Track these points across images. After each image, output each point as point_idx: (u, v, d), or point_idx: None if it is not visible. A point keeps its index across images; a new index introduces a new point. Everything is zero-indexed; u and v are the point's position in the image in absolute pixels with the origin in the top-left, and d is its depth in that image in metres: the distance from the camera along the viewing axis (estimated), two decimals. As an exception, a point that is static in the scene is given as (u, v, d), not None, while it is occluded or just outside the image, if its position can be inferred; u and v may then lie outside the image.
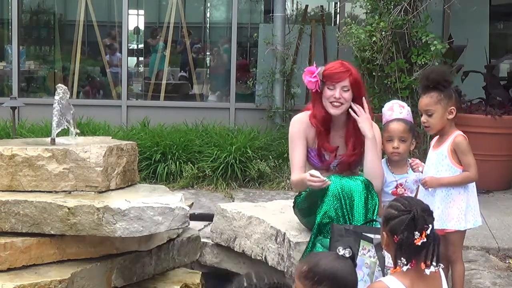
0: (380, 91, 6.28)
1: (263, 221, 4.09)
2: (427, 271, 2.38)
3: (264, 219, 4.10)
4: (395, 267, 2.43)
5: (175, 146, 6.64)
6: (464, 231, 3.56)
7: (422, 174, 3.63)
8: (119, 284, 3.68)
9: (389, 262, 3.00)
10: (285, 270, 3.81)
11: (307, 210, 3.68)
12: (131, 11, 9.07)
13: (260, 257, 4.06)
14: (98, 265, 3.57)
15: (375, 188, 3.50)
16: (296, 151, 3.71)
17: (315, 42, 8.26)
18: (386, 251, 2.59)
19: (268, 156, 6.73)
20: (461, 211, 3.47)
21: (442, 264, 2.48)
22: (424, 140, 5.72)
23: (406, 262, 2.38)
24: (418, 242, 2.37)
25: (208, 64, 10.17)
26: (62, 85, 3.99)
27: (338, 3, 8.14)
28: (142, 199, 3.53)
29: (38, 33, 10.21)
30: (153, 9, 10.55)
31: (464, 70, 6.88)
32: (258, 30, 8.54)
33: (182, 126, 7.37)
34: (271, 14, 7.93)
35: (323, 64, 3.73)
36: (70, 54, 8.69)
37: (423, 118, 3.52)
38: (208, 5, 10.61)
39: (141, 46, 11.60)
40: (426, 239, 2.38)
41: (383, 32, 6.09)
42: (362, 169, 3.73)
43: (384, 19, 6.14)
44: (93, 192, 3.60)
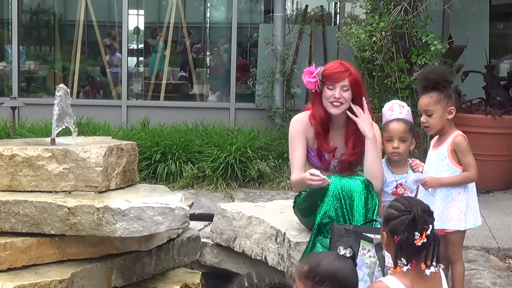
0: (380, 91, 6.28)
1: (263, 221, 4.09)
2: (428, 271, 2.38)
3: (264, 219, 4.10)
4: (395, 267, 2.43)
5: (175, 146, 6.64)
6: (464, 231, 3.56)
7: (422, 174, 3.64)
8: (119, 284, 3.68)
9: (389, 262, 3.00)
10: (285, 270, 3.80)
11: (307, 210, 3.68)
12: (131, 11, 9.07)
13: (260, 257, 4.05)
14: (98, 265, 3.57)
15: (375, 188, 3.50)
16: (296, 151, 3.71)
17: (315, 42, 8.25)
18: (387, 251, 2.58)
19: (268, 156, 6.73)
20: (461, 211, 3.47)
21: (442, 265, 2.48)
22: (424, 140, 5.72)
23: (406, 263, 2.38)
24: (418, 242, 2.37)
25: (208, 64, 10.17)
26: (62, 85, 3.99)
27: (338, 3, 8.14)
28: (142, 199, 3.53)
29: (38, 33, 10.20)
30: (153, 9, 10.54)
31: (464, 70, 6.87)
32: (258, 30, 8.53)
33: (182, 126, 7.37)
34: (271, 14, 7.93)
35: (323, 64, 3.73)
36: (70, 54, 8.69)
37: (423, 118, 3.52)
38: (208, 5, 10.61)
39: (141, 46, 11.60)
40: (426, 240, 2.38)
41: (383, 32, 6.09)
42: (362, 169, 3.73)
43: (384, 19, 6.14)
44: (93, 192, 3.60)
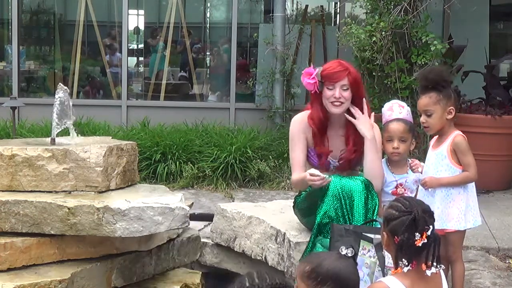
0: (380, 91, 6.28)
1: (263, 221, 4.09)
2: (428, 272, 2.38)
3: (264, 219, 4.10)
4: (396, 267, 2.42)
5: (175, 146, 6.64)
6: (464, 231, 3.56)
7: (422, 175, 3.63)
8: (119, 284, 3.68)
9: (389, 262, 3.00)
10: (285, 270, 3.80)
11: (307, 210, 3.68)
12: (131, 11, 9.07)
13: (260, 257, 4.05)
14: (98, 265, 3.57)
15: (375, 188, 3.50)
16: (296, 150, 3.71)
17: (315, 42, 8.25)
18: (387, 251, 2.58)
19: (268, 156, 6.73)
20: (460, 211, 3.47)
21: (443, 265, 2.48)
22: (424, 140, 5.72)
23: (407, 263, 2.39)
24: (418, 243, 2.37)
25: (208, 64, 10.16)
26: (62, 85, 3.99)
27: (338, 3, 8.14)
28: (142, 199, 3.53)
29: (38, 33, 10.20)
30: (153, 9, 10.54)
31: (464, 70, 6.87)
32: (258, 30, 8.53)
33: (182, 126, 7.37)
34: (271, 14, 7.92)
35: (323, 64, 3.73)
36: (70, 54, 8.69)
37: (422, 119, 3.52)
38: (208, 5, 10.61)
39: (141, 46, 11.59)
40: (426, 240, 2.37)
41: (383, 32, 6.09)
42: (362, 169, 3.73)
43: (384, 19, 6.14)
44: (93, 192, 3.60)
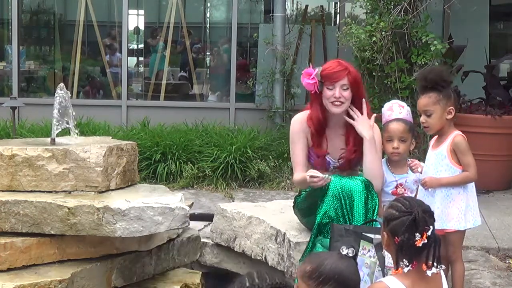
0: (380, 91, 6.28)
1: (263, 221, 4.09)
2: (429, 272, 2.38)
3: (264, 219, 4.10)
4: (397, 268, 2.42)
5: (175, 146, 6.64)
6: (464, 231, 3.56)
7: (422, 175, 3.63)
8: (119, 284, 3.68)
9: (389, 262, 2.99)
10: (285, 270, 3.80)
11: (307, 210, 3.68)
12: (131, 11, 9.06)
13: (260, 257, 4.05)
14: (98, 265, 3.58)
15: (375, 188, 3.50)
16: (297, 150, 3.72)
17: (315, 42, 8.25)
18: (387, 251, 2.58)
19: (268, 156, 6.73)
20: (460, 211, 3.47)
21: (443, 265, 2.48)
22: (424, 140, 5.72)
23: (407, 263, 2.38)
24: (419, 243, 2.36)
25: (208, 64, 10.16)
26: (62, 85, 3.99)
27: (338, 3, 8.14)
28: (142, 199, 3.53)
29: (38, 33, 10.20)
30: (153, 9, 10.54)
31: (464, 70, 6.87)
32: (258, 30, 8.53)
33: (182, 126, 7.37)
34: (271, 14, 7.92)
35: (323, 64, 3.73)
36: (70, 54, 8.69)
37: (422, 119, 3.52)
38: (208, 5, 10.60)
39: (141, 46, 11.59)
40: (427, 241, 2.37)
41: (383, 32, 6.09)
42: (362, 169, 3.73)
43: (384, 19, 6.14)
44: (93, 192, 3.60)
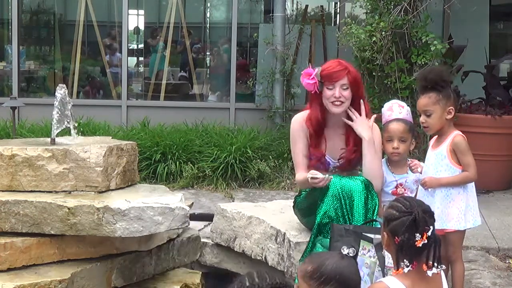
0: (380, 91, 6.28)
1: (263, 221, 4.10)
2: (430, 272, 2.37)
3: (264, 219, 4.10)
4: (397, 268, 2.42)
5: (175, 146, 6.64)
6: (464, 231, 3.56)
7: (422, 175, 3.63)
8: (119, 284, 3.68)
9: (389, 262, 2.99)
10: (285, 270, 3.80)
11: (307, 210, 3.68)
12: (131, 11, 9.06)
13: (260, 257, 4.05)
14: (98, 265, 3.58)
15: (374, 188, 3.50)
16: (298, 150, 3.72)
17: (315, 42, 8.25)
18: (387, 251, 2.58)
19: (268, 156, 6.73)
20: (460, 211, 3.47)
21: (443, 265, 2.48)
22: (424, 140, 5.72)
23: (408, 264, 2.38)
24: (419, 243, 2.36)
25: (208, 64, 10.16)
26: (62, 85, 3.99)
27: (338, 3, 8.14)
28: (142, 199, 3.53)
29: (38, 33, 10.19)
30: (153, 9, 10.54)
31: (464, 70, 6.87)
32: (258, 30, 8.53)
33: (182, 126, 7.37)
34: (271, 14, 7.92)
35: (322, 64, 3.73)
36: (70, 54, 8.68)
37: (422, 119, 3.52)
38: (208, 5, 10.60)
39: (141, 46, 11.59)
40: (427, 241, 2.37)
41: (383, 32, 6.09)
42: (362, 169, 3.73)
43: (384, 19, 6.14)
44: (93, 192, 3.60)
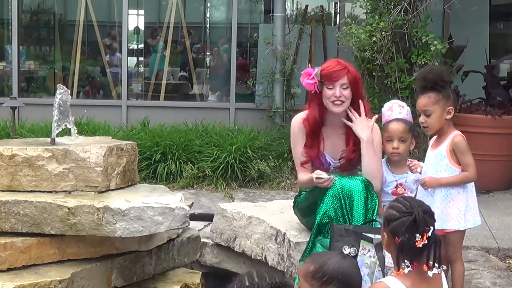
0: (380, 91, 6.28)
1: (263, 221, 4.10)
2: (430, 273, 2.37)
3: (264, 219, 4.10)
4: (398, 268, 2.42)
5: (175, 146, 6.64)
6: (464, 231, 3.56)
7: (421, 175, 3.63)
8: (119, 284, 3.68)
9: (389, 262, 3.00)
10: (285, 270, 3.81)
11: (307, 210, 3.68)
12: (131, 11, 9.06)
13: (260, 257, 4.06)
14: (98, 265, 3.58)
15: (374, 188, 3.50)
16: (298, 150, 3.72)
17: (315, 42, 8.25)
18: (387, 252, 2.58)
19: (268, 156, 6.73)
20: (460, 211, 3.47)
21: (444, 266, 2.48)
22: (424, 140, 5.71)
23: (409, 264, 2.38)
24: (419, 244, 2.36)
25: (208, 64, 10.16)
26: (62, 85, 3.99)
27: (338, 3, 8.13)
28: (142, 199, 3.53)
29: (38, 33, 10.19)
30: (153, 9, 10.54)
31: (464, 70, 6.87)
32: (258, 30, 8.53)
33: (182, 126, 7.37)
34: (271, 14, 7.92)
35: (322, 64, 3.73)
36: (70, 54, 8.68)
37: (421, 119, 3.52)
38: (208, 5, 10.60)
39: (141, 46, 11.59)
40: (427, 241, 2.37)
41: (383, 32, 6.09)
42: (361, 169, 3.73)
43: (384, 19, 6.14)
44: (93, 192, 3.60)
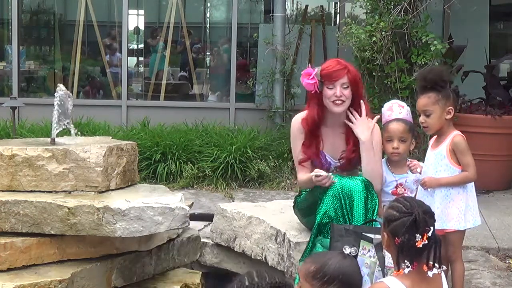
0: (380, 91, 6.28)
1: (263, 221, 4.10)
2: (430, 273, 2.37)
3: (264, 219, 4.10)
4: (398, 269, 2.42)
5: (175, 146, 6.64)
6: (464, 231, 3.56)
7: (421, 175, 3.63)
8: (119, 284, 3.68)
9: (389, 262, 3.00)
10: (285, 270, 3.81)
11: (307, 210, 3.68)
12: (131, 11, 9.06)
13: (260, 257, 4.06)
14: (98, 265, 3.58)
15: (374, 188, 3.50)
16: (298, 150, 3.72)
17: (315, 42, 8.25)
18: (387, 252, 2.58)
19: (268, 156, 6.73)
20: (460, 211, 3.47)
21: (444, 266, 2.48)
22: (424, 140, 5.71)
23: (409, 265, 2.38)
24: (419, 244, 2.36)
25: (208, 64, 10.16)
26: (62, 85, 3.99)
27: (338, 3, 8.14)
28: (142, 199, 3.53)
29: (38, 33, 10.20)
30: (153, 9, 10.54)
31: (464, 70, 6.87)
32: (258, 30, 8.53)
33: (182, 126, 7.37)
34: (271, 14, 7.92)
35: (322, 64, 3.73)
36: (70, 54, 8.69)
37: (421, 119, 3.52)
38: (208, 5, 10.61)
39: (141, 46, 11.59)
40: (427, 242, 2.37)
41: (383, 32, 6.09)
42: (361, 169, 3.73)
43: (384, 19, 6.14)
44: (93, 192, 3.60)
